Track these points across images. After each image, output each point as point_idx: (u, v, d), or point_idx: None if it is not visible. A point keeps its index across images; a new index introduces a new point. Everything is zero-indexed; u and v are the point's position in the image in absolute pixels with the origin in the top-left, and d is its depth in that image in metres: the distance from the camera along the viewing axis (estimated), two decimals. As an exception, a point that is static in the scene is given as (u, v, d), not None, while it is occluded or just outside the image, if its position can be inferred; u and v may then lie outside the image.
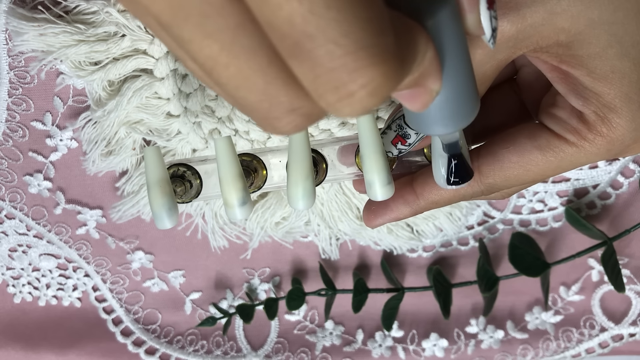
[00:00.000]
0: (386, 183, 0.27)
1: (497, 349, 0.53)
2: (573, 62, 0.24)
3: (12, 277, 0.50)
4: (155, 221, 0.28)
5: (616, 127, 0.25)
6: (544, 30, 0.24)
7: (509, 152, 0.27)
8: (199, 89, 0.37)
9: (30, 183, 0.44)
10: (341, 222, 0.45)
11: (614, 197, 0.47)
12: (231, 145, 0.27)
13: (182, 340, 0.52)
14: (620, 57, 0.24)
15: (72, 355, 0.52)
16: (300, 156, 0.27)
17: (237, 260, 0.49)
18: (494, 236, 0.49)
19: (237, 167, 0.27)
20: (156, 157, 0.27)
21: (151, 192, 0.27)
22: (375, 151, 0.27)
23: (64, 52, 0.36)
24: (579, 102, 0.25)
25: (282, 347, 0.53)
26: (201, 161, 0.31)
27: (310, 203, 0.27)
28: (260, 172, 0.31)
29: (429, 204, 0.29)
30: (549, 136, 0.26)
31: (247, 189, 0.28)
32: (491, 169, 0.28)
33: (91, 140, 0.41)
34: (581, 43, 0.24)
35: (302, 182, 0.27)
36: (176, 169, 0.31)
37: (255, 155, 0.31)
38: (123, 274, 0.50)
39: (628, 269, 0.50)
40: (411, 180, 0.30)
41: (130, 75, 0.38)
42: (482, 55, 0.25)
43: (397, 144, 0.28)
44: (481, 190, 0.28)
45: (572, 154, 0.26)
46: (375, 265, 0.50)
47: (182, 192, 0.31)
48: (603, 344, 0.52)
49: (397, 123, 0.27)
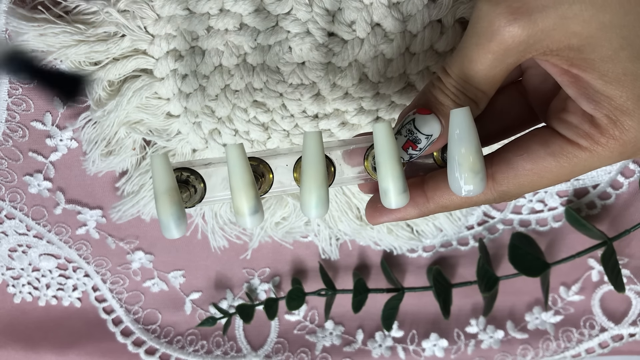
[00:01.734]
0: (402, 191, 0.27)
1: (497, 349, 0.53)
2: (584, 66, 0.25)
3: (12, 277, 0.50)
4: (162, 231, 0.27)
5: (629, 130, 0.25)
6: (555, 34, 0.24)
7: (522, 160, 0.27)
8: (199, 89, 0.37)
9: (30, 183, 0.44)
10: (341, 222, 0.45)
11: (614, 197, 0.47)
12: (243, 152, 0.26)
13: (182, 340, 0.52)
14: (632, 59, 0.24)
15: (72, 355, 0.52)
16: (315, 164, 0.26)
17: (237, 260, 0.49)
18: (494, 236, 0.49)
19: (249, 175, 0.27)
20: (165, 165, 0.26)
21: (159, 201, 0.26)
22: (392, 159, 0.26)
23: (64, 52, 0.36)
24: (590, 106, 0.25)
25: (282, 347, 0.53)
26: (204, 165, 0.31)
27: (324, 211, 0.27)
28: (267, 176, 0.31)
29: (438, 208, 0.29)
30: (562, 142, 0.26)
31: (259, 198, 0.27)
32: (505, 177, 0.28)
33: (91, 140, 0.41)
34: (593, 46, 0.24)
35: (316, 191, 0.27)
36: (179, 174, 0.30)
37: (261, 159, 0.31)
38: (123, 274, 0.50)
39: (628, 269, 0.50)
40: (422, 183, 0.30)
41: (130, 75, 0.38)
42: (491, 60, 0.25)
43: (407, 149, 0.28)
44: (494, 198, 0.29)
45: (586, 159, 0.26)
46: (375, 265, 0.50)
47: (187, 197, 0.30)
48: (603, 344, 0.52)
49: (407, 128, 0.27)
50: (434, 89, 0.28)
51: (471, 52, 0.26)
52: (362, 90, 0.37)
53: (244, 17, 0.35)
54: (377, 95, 0.37)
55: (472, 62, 0.26)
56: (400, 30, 0.35)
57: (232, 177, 0.27)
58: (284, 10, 0.35)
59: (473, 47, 0.25)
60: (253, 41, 0.36)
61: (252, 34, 0.36)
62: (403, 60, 0.36)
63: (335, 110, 0.38)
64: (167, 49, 0.36)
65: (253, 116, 0.38)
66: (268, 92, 0.37)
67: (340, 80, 0.37)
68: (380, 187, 0.27)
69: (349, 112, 0.38)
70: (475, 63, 0.26)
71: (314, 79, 0.37)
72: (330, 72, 0.36)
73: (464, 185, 0.26)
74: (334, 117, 0.38)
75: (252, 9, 0.35)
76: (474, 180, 0.26)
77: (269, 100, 0.37)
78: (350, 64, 0.36)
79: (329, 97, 0.37)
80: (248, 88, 0.37)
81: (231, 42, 0.36)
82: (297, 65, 0.36)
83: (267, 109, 0.38)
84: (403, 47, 0.36)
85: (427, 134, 0.27)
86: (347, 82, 0.37)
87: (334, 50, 0.36)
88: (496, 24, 0.24)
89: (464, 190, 0.26)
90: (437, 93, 0.28)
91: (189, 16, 0.35)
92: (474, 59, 0.26)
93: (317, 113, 0.38)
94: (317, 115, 0.38)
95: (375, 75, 0.36)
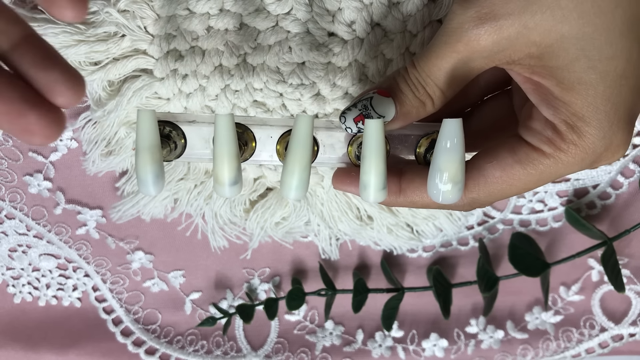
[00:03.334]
0: (381, 188, 0.28)
1: (497, 349, 0.53)
2: (544, 73, 0.26)
3: (12, 277, 0.50)
4: (139, 186, 0.27)
5: (586, 135, 0.26)
6: (517, 43, 0.25)
7: (492, 167, 0.28)
8: (199, 89, 0.37)
9: (30, 183, 0.44)
10: (341, 222, 0.45)
11: (614, 197, 0.47)
12: (233, 123, 0.27)
13: (182, 340, 0.52)
14: (586, 70, 0.25)
15: (72, 355, 0.52)
16: (302, 147, 0.27)
17: (237, 260, 0.49)
18: (494, 236, 0.49)
19: (234, 147, 0.27)
20: (151, 121, 0.26)
21: (140, 156, 0.27)
22: (378, 155, 0.27)
23: (64, 52, 0.36)
24: (550, 112, 0.26)
25: (282, 347, 0.53)
26: (188, 122, 0.31)
27: (303, 194, 0.28)
28: (250, 144, 0.31)
29: (407, 202, 0.31)
30: (528, 149, 0.28)
31: (240, 169, 0.28)
32: (475, 184, 0.29)
33: (91, 140, 0.41)
34: (551, 55, 0.25)
35: (298, 173, 0.27)
36: (162, 127, 0.30)
37: (246, 126, 0.31)
38: (123, 274, 0.50)
39: (628, 269, 0.50)
40: (399, 174, 0.31)
41: (130, 75, 0.38)
42: (456, 60, 0.27)
43: (358, 122, 0.29)
44: (463, 205, 0.30)
45: (550, 165, 0.27)
46: (375, 265, 0.50)
47: (167, 153, 0.30)
48: (603, 344, 0.52)
49: (363, 103, 0.29)
50: (398, 77, 0.29)
51: (439, 49, 0.27)
52: (362, 90, 0.37)
53: (244, 17, 0.35)
54: (377, 95, 0.37)
55: (438, 59, 0.27)
56: (400, 30, 0.35)
57: (217, 146, 0.27)
58: (284, 10, 0.35)
59: (442, 44, 0.27)
60: (253, 41, 0.36)
61: (252, 34, 0.36)
62: (403, 60, 0.36)
63: (335, 110, 0.38)
64: (167, 48, 0.36)
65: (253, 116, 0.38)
66: (268, 92, 0.37)
67: (340, 80, 0.37)
68: (361, 179, 0.28)
69: (349, 112, 0.38)
70: (440, 60, 0.27)
71: (314, 79, 0.37)
72: (330, 72, 0.36)
73: (442, 192, 0.28)
74: (334, 117, 0.38)
75: (252, 9, 0.35)
76: (453, 189, 0.27)
77: (269, 100, 0.37)
78: (350, 64, 0.36)
79: (329, 97, 0.37)
80: (248, 88, 0.37)
81: (231, 42, 0.36)
82: (297, 65, 0.36)
83: (267, 109, 0.38)
84: (403, 47, 0.36)
85: (380, 114, 0.28)
86: (347, 82, 0.37)
87: (334, 50, 0.36)
88: (465, 26, 0.26)
89: (441, 198, 0.28)
90: (400, 80, 0.29)
91: (189, 16, 0.35)
92: (440, 55, 0.27)
93: (317, 113, 0.38)
94: (317, 115, 0.38)
95: (375, 75, 0.36)
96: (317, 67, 0.36)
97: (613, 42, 0.25)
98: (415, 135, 0.32)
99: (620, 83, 0.25)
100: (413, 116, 0.29)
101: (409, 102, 0.29)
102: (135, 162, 0.27)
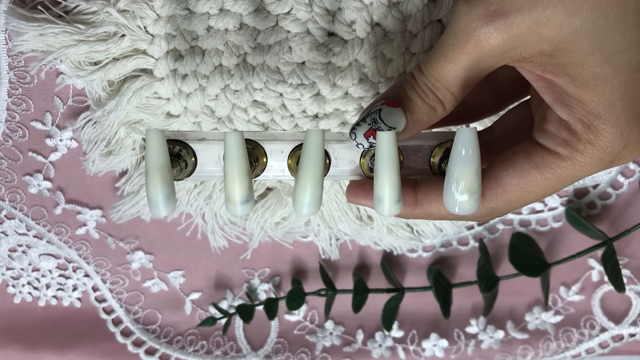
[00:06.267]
0: (396, 201, 0.27)
1: (497, 349, 0.53)
2: (556, 71, 0.25)
3: (12, 277, 0.50)
4: (150, 208, 0.27)
5: (603, 134, 0.25)
6: (528, 40, 0.24)
7: (509, 175, 0.27)
8: (199, 89, 0.37)
9: (30, 183, 0.44)
10: (341, 222, 0.45)
11: (614, 197, 0.47)
12: (243, 141, 0.27)
13: (182, 340, 0.52)
14: (601, 64, 0.24)
15: (72, 355, 0.52)
16: (314, 163, 0.27)
17: (237, 260, 0.49)
18: (494, 236, 0.49)
19: (245, 165, 0.27)
20: (160, 141, 0.26)
21: (150, 178, 0.26)
22: (392, 168, 0.26)
23: (64, 52, 0.36)
24: (564, 111, 0.25)
25: (282, 347, 0.53)
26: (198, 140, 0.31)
27: (316, 210, 0.27)
28: (261, 160, 0.31)
29: (424, 214, 0.30)
30: (543, 153, 0.27)
31: (252, 187, 0.27)
32: (493, 193, 0.28)
33: (91, 140, 0.41)
34: (563, 51, 0.24)
35: (311, 189, 0.27)
36: (172, 146, 0.30)
37: (257, 142, 0.31)
38: (123, 274, 0.50)
39: (628, 269, 0.50)
40: (415, 184, 0.30)
41: (130, 75, 0.38)
42: (466, 61, 0.26)
43: (369, 137, 0.28)
44: (481, 215, 0.29)
45: (568, 168, 0.26)
46: (375, 265, 0.50)
47: (178, 172, 0.30)
48: (603, 344, 0.52)
49: (372, 117, 0.28)
50: (405, 84, 0.28)
51: (447, 52, 0.26)
52: (362, 90, 0.37)
53: (244, 17, 0.35)
54: (377, 95, 0.37)
55: (447, 62, 0.26)
56: (400, 30, 0.35)
57: (228, 164, 0.27)
58: (284, 10, 0.35)
59: (449, 46, 0.26)
60: (253, 41, 0.36)
61: (252, 34, 0.36)
62: (403, 60, 0.36)
63: (335, 110, 0.38)
64: (167, 48, 0.36)
65: (253, 116, 0.38)
66: (268, 92, 0.37)
67: (340, 80, 0.37)
68: (375, 193, 0.27)
69: (349, 112, 0.38)
70: (449, 63, 0.26)
71: (314, 79, 0.37)
72: (330, 72, 0.36)
73: (458, 203, 0.27)
74: (334, 117, 0.38)
75: (252, 8, 0.35)
76: (469, 200, 0.27)
77: (269, 100, 0.37)
78: (350, 64, 0.36)
79: (329, 97, 0.37)
80: (248, 88, 0.37)
81: (231, 42, 0.36)
82: (297, 65, 0.36)
83: (267, 109, 0.38)
84: (403, 47, 0.36)
85: (390, 126, 0.27)
86: (347, 82, 0.37)
87: (334, 50, 0.36)
88: (473, 25, 0.25)
89: (458, 209, 0.27)
90: (407, 88, 0.28)
91: (188, 16, 0.35)
92: (448, 58, 0.26)
93: (317, 113, 0.38)
94: (317, 115, 0.38)
95: (375, 75, 0.36)
96: (317, 67, 0.36)
97: (627, 34, 0.24)
98: (428, 145, 0.31)
99: (635, 76, 0.24)
100: (424, 123, 0.28)
101: (419, 109, 0.28)
102: (146, 183, 0.27)
